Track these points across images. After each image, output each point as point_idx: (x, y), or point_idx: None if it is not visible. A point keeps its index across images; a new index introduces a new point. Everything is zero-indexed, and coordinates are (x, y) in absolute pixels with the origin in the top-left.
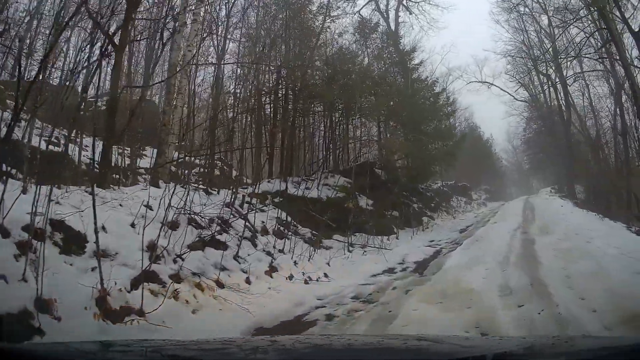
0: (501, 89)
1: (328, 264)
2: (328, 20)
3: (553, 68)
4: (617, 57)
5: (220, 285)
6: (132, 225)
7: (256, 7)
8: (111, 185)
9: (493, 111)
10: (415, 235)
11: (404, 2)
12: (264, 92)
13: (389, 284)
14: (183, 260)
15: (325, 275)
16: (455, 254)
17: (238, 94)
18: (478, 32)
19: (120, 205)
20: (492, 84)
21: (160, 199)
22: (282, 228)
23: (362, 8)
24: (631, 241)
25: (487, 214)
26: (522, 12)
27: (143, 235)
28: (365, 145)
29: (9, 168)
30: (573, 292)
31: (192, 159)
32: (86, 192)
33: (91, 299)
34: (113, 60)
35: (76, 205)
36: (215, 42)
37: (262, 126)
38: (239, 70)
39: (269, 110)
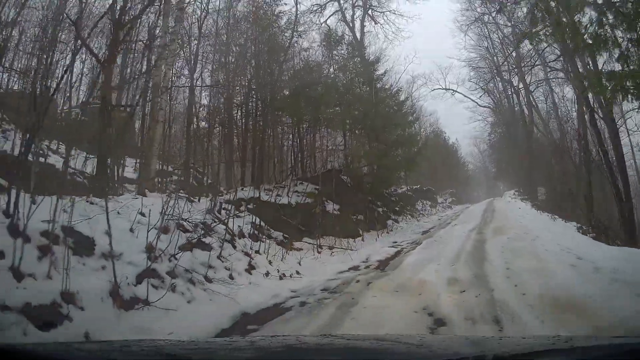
0: (465, 96)
1: (299, 263)
2: (295, 35)
3: (517, 74)
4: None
5: (209, 280)
6: (131, 230)
7: (227, 23)
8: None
9: (459, 116)
10: (380, 238)
11: (370, 12)
12: (235, 105)
13: (353, 278)
14: (177, 259)
15: (297, 272)
16: (414, 253)
17: (210, 108)
18: (442, 41)
19: (119, 213)
20: (455, 91)
21: (150, 208)
22: (256, 232)
23: (328, 18)
24: (574, 239)
25: (450, 217)
26: (486, 21)
27: (147, 237)
28: (331, 154)
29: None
30: (509, 282)
31: (171, 169)
32: (87, 201)
33: (106, 292)
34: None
35: (81, 214)
36: (189, 57)
37: (234, 137)
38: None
39: (241, 122)
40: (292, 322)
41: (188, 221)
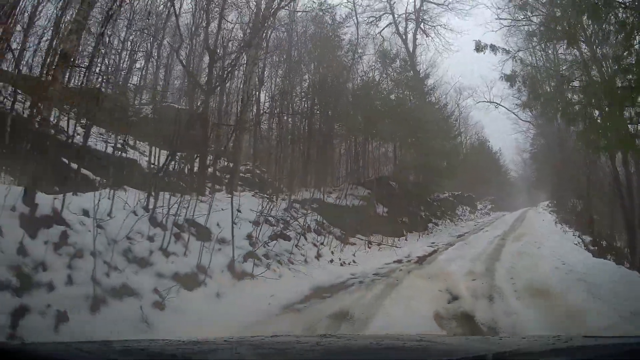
0: (507, 109)
1: (354, 255)
2: (356, 57)
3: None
4: None
5: (291, 262)
6: (234, 222)
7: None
8: (206, 193)
9: (503, 124)
10: (420, 238)
11: (422, 25)
12: (299, 117)
13: (397, 268)
14: (269, 246)
15: (354, 261)
16: (446, 252)
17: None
18: (489, 54)
19: (222, 209)
20: (499, 104)
21: (241, 205)
22: (320, 228)
23: (382, 30)
24: (568, 249)
25: (485, 223)
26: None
27: (261, 227)
28: (382, 162)
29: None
30: (508, 275)
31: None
32: (197, 199)
33: (225, 266)
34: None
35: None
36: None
37: (300, 145)
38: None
39: (305, 132)
40: (354, 293)
41: (272, 217)
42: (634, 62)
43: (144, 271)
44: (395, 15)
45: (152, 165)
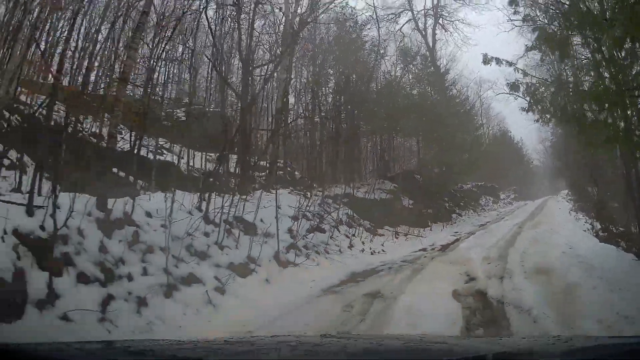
0: (525, 100)
1: (382, 244)
2: (378, 58)
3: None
4: None
5: (327, 252)
6: (276, 217)
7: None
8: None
9: (525, 115)
10: (445, 228)
11: (440, 20)
12: (326, 117)
13: (422, 255)
14: (307, 238)
15: (383, 250)
16: (467, 241)
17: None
18: (509, 44)
19: (265, 207)
20: (519, 95)
21: (281, 201)
22: (350, 220)
23: (402, 27)
24: (578, 236)
25: (507, 212)
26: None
27: (299, 221)
28: (406, 157)
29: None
30: (519, 259)
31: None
32: (242, 198)
33: (271, 256)
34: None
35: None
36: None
37: (330, 144)
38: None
39: (333, 130)
40: (384, 277)
41: (309, 212)
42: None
43: (204, 262)
44: (414, 12)
45: (200, 170)
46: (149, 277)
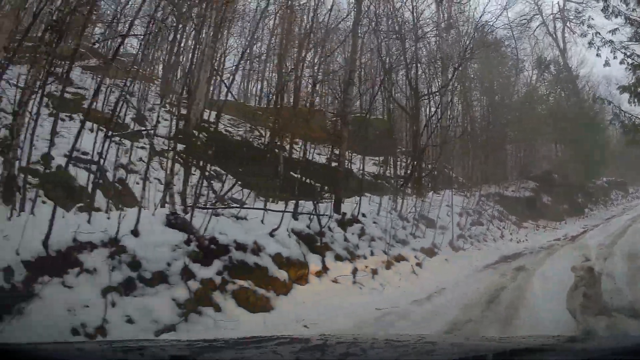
0: None
1: (526, 235)
2: (518, 72)
3: None
4: None
5: (485, 240)
6: (451, 214)
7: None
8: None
9: None
10: (577, 222)
11: (568, 24)
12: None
13: (556, 243)
14: (470, 230)
15: (525, 239)
16: (591, 232)
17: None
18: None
19: (439, 206)
20: None
21: (449, 201)
22: (501, 216)
23: (534, 31)
24: None
25: (630, 208)
26: None
27: (464, 217)
28: (546, 158)
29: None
30: (624, 246)
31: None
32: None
33: (446, 244)
34: None
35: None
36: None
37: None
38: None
39: (481, 138)
40: (526, 257)
41: (471, 209)
42: None
43: (406, 247)
44: (544, 16)
45: (396, 179)
46: (375, 257)
